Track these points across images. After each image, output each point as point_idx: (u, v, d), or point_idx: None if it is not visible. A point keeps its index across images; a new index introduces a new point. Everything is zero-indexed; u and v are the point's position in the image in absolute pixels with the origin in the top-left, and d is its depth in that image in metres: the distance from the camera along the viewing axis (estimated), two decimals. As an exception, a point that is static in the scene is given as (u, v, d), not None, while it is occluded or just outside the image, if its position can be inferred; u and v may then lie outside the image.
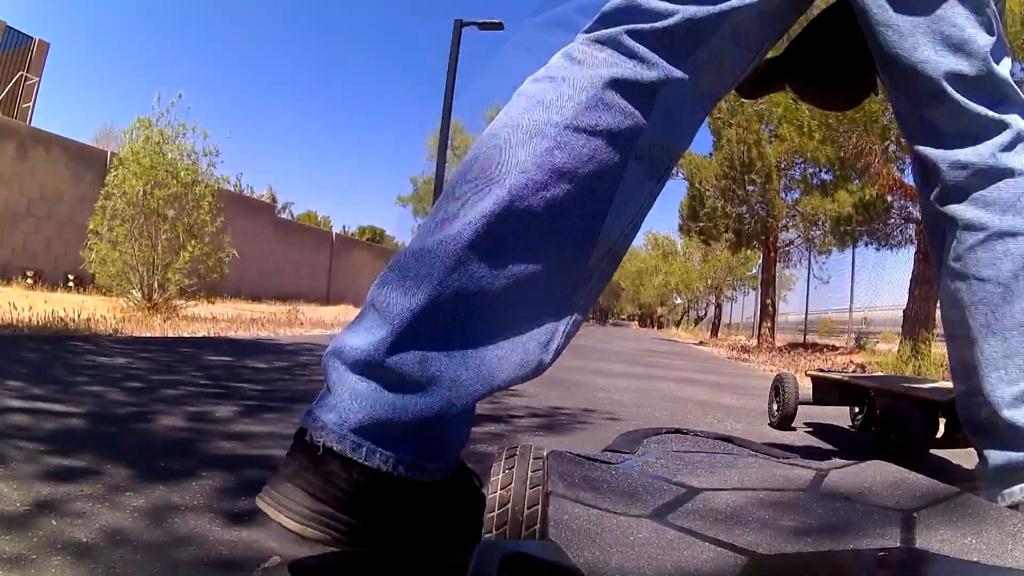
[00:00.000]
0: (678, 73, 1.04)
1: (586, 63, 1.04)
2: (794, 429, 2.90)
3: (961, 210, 1.13)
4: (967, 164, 1.11)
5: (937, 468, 2.18)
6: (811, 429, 2.96)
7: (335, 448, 0.94)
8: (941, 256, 1.20)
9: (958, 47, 1.08)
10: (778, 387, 2.91)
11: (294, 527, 0.93)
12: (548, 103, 1.01)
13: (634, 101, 1.02)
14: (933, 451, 2.06)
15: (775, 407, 2.93)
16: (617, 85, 1.01)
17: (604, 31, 1.06)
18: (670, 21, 1.03)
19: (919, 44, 1.09)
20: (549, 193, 0.98)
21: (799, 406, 2.83)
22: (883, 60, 1.15)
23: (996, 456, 1.13)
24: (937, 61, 1.09)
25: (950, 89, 1.09)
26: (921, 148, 1.17)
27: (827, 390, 2.79)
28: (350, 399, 0.95)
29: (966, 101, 1.09)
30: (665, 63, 1.03)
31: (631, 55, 1.03)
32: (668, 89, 1.04)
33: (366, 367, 0.95)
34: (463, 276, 0.95)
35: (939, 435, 2.03)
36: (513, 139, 0.99)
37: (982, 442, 1.17)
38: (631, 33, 1.03)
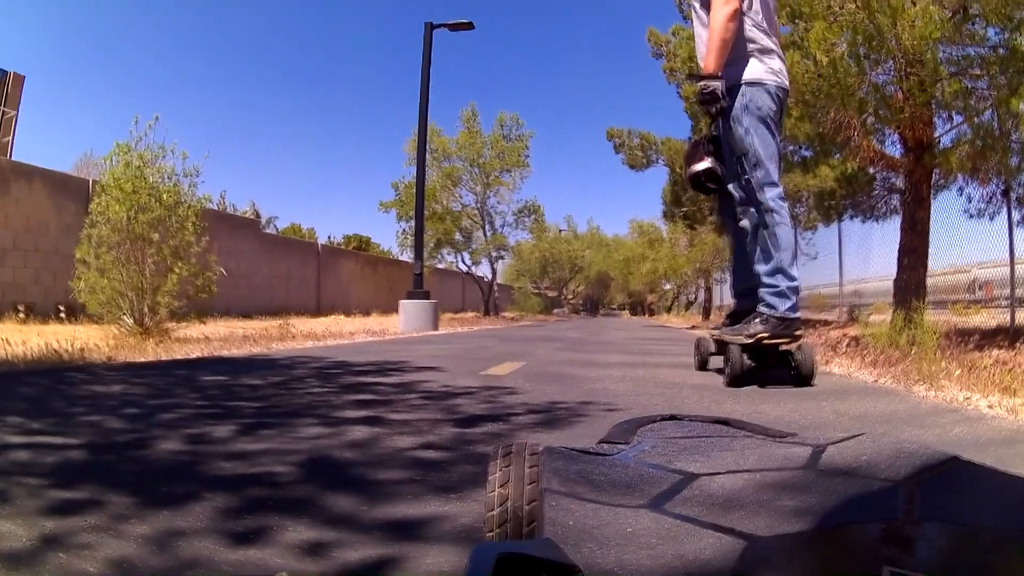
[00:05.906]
0: None
1: None
2: (708, 370, 4.34)
3: None
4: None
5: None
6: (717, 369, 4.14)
7: None
8: None
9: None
10: (697, 345, 4.60)
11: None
12: None
13: None
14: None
15: (696, 358, 4.56)
16: None
17: None
18: None
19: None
20: None
21: (710, 356, 4.36)
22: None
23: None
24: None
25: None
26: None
27: (718, 345, 4.07)
28: None
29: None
30: None
31: None
32: None
33: None
34: None
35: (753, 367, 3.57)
36: None
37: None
38: None
